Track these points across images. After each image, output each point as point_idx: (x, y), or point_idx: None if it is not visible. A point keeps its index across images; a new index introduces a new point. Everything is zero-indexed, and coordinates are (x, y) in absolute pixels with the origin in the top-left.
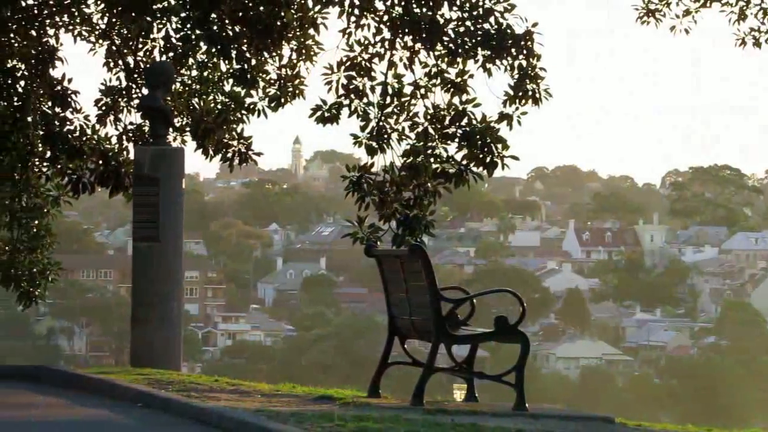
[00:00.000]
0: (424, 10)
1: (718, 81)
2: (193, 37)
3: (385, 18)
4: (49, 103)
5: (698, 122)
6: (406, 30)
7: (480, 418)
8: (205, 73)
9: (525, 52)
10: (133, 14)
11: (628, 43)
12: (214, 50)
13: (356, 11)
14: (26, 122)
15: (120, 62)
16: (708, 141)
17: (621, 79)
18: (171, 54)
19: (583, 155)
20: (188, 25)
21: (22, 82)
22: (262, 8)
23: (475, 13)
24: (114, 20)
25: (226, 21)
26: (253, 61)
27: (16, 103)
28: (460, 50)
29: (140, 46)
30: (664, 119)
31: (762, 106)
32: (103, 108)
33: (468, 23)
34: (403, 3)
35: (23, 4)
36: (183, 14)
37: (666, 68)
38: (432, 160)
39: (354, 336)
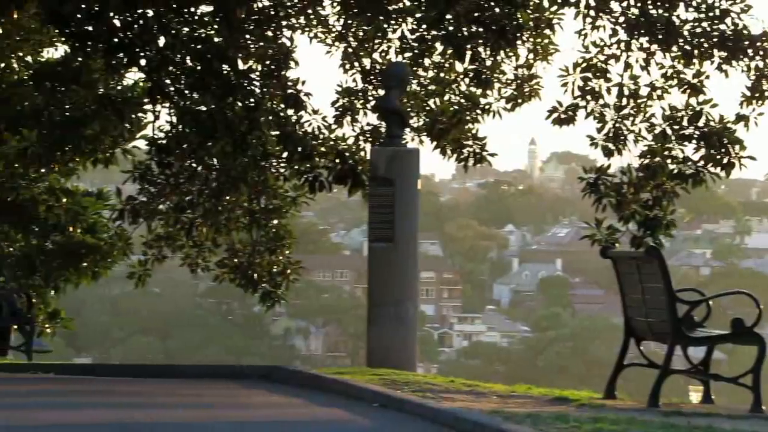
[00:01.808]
0: (661, 11)
1: None
2: (429, 37)
3: (621, 19)
4: (282, 105)
5: None
6: (642, 31)
7: (716, 420)
8: (441, 74)
9: (761, 53)
10: (369, 15)
11: None
12: (450, 51)
13: (592, 12)
14: (259, 123)
15: (356, 64)
16: None
17: None
18: (407, 55)
19: None
20: (424, 26)
21: (257, 83)
22: (497, 9)
23: (711, 14)
24: (350, 22)
25: (462, 21)
26: (488, 62)
27: (250, 104)
28: (696, 51)
29: (376, 47)
30: None
31: None
32: (340, 109)
33: (704, 24)
34: (639, 4)
35: (259, 5)
36: (418, 15)
37: None
38: (668, 161)
39: (590, 337)
